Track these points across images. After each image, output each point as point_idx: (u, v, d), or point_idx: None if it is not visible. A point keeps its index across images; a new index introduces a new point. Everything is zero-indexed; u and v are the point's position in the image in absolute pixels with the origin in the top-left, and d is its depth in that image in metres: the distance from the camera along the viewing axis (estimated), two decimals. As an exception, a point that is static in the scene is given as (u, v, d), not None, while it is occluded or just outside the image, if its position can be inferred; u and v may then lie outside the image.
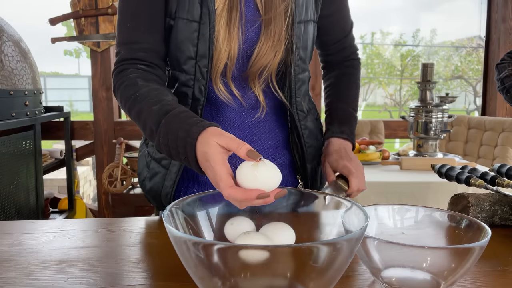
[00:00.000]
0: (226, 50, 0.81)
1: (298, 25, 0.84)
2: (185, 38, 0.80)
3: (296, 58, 0.85)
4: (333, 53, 1.02)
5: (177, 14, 0.80)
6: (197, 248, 0.45)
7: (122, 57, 0.82)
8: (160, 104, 0.72)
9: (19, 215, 2.24)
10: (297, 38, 0.84)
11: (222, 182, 0.57)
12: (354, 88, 1.00)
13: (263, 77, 0.84)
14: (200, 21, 0.79)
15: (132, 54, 0.81)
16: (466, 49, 11.79)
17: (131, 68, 0.80)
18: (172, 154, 0.68)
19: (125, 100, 0.78)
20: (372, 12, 16.35)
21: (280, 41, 0.82)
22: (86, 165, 4.79)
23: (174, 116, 0.68)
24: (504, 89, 1.59)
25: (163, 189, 0.90)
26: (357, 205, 0.56)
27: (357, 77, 1.01)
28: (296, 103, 0.89)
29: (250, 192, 0.54)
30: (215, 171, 0.58)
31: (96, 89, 2.88)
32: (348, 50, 1.02)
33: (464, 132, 2.82)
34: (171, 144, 0.67)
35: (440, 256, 0.53)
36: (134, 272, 0.63)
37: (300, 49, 0.86)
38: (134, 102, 0.75)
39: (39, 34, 4.42)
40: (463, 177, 0.84)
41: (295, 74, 0.86)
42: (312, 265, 0.46)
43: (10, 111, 2.15)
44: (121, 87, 0.79)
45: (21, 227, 0.83)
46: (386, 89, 12.85)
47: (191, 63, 0.82)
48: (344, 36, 1.00)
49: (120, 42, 0.83)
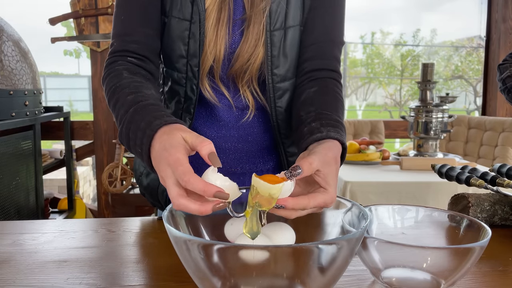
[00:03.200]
0: (212, 52, 0.81)
1: (273, 33, 0.81)
2: (177, 37, 0.81)
3: (273, 67, 0.82)
4: (310, 58, 0.84)
5: (170, 12, 0.81)
6: (197, 248, 0.45)
7: (114, 48, 0.82)
8: (135, 94, 0.70)
9: (19, 215, 2.24)
10: (272, 46, 0.81)
11: (183, 167, 0.52)
12: (341, 106, 0.79)
13: (245, 80, 0.84)
14: (191, 20, 0.80)
15: (124, 46, 0.81)
16: (466, 49, 11.79)
17: (121, 60, 0.80)
18: (130, 145, 0.65)
19: (107, 91, 0.77)
20: (372, 12, 16.35)
21: (258, 45, 0.81)
22: (86, 165, 4.79)
23: (143, 107, 0.66)
24: (506, 89, 1.59)
25: (160, 186, 0.90)
26: (357, 205, 0.56)
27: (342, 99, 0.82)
28: (276, 112, 0.84)
29: (210, 186, 0.50)
30: (176, 158, 0.53)
31: (96, 89, 2.88)
32: (326, 62, 0.84)
33: (464, 132, 2.82)
34: (131, 134, 0.64)
35: (440, 256, 0.53)
36: (134, 272, 0.63)
37: (279, 57, 0.82)
38: (113, 92, 0.74)
39: (39, 34, 4.42)
40: (463, 177, 0.84)
41: (273, 83, 0.83)
42: (312, 265, 0.46)
43: (10, 111, 2.15)
44: (107, 78, 0.79)
45: (21, 227, 0.83)
46: (386, 89, 12.86)
47: (183, 61, 0.82)
48: (324, 40, 0.84)
49: (114, 34, 0.83)
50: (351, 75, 13.14)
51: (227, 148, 0.89)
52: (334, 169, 0.59)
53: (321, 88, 0.81)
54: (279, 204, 0.52)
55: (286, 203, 0.52)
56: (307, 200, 0.54)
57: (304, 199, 0.54)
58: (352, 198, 1.81)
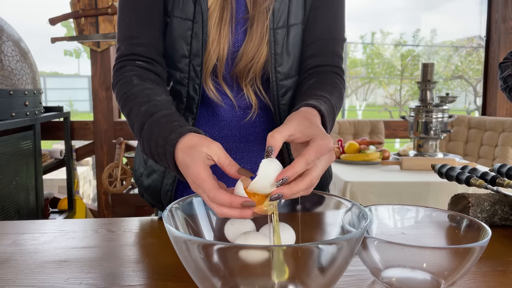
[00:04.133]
0: (215, 51, 0.81)
1: (277, 31, 0.82)
2: (179, 36, 0.81)
3: (277, 65, 0.83)
4: (313, 55, 0.86)
5: (172, 12, 0.81)
6: (197, 248, 0.45)
7: (122, 53, 0.82)
8: (148, 105, 0.72)
9: (19, 215, 2.24)
10: (275, 44, 0.82)
11: (207, 184, 0.55)
12: (337, 92, 0.80)
13: (249, 78, 0.84)
14: (193, 20, 0.80)
15: (131, 50, 0.81)
16: (466, 49, 11.79)
17: (129, 65, 0.80)
18: (156, 160, 0.68)
19: (119, 98, 0.78)
20: (372, 12, 16.35)
21: (262, 43, 0.81)
22: (86, 165, 4.79)
23: (156, 121, 0.68)
24: (507, 88, 1.59)
25: (162, 187, 0.90)
26: (357, 205, 0.56)
27: (342, 89, 0.84)
28: (280, 110, 0.85)
29: (235, 197, 0.52)
30: (197, 174, 0.56)
31: (96, 89, 2.88)
32: (329, 59, 0.86)
33: (464, 132, 2.82)
34: (154, 150, 0.67)
35: (440, 256, 0.53)
36: (134, 272, 0.63)
37: (282, 55, 0.83)
38: (126, 101, 0.75)
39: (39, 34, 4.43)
40: (464, 177, 0.84)
41: (277, 81, 0.84)
42: (312, 265, 0.46)
43: (10, 111, 2.15)
44: (117, 85, 0.79)
45: (21, 227, 0.83)
46: (386, 89, 12.87)
47: (185, 61, 0.82)
48: (327, 37, 0.86)
49: (119, 38, 0.83)
50: (351, 75, 13.14)
51: (228, 148, 0.89)
52: (308, 124, 0.58)
53: (319, 78, 0.83)
54: (275, 194, 0.52)
55: (282, 190, 0.53)
56: (300, 161, 0.53)
57: (298, 163, 0.53)
58: (352, 198, 1.81)
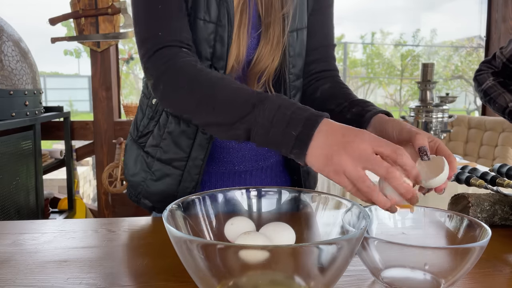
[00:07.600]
0: (234, 54, 0.81)
1: (291, 34, 0.85)
2: (202, 39, 0.79)
3: (290, 66, 0.87)
4: (316, 60, 0.93)
5: (194, 13, 0.78)
6: (197, 248, 0.45)
7: (161, 39, 0.74)
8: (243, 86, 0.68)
9: (19, 215, 2.24)
10: (290, 46, 0.86)
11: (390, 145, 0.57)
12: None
13: (262, 81, 0.85)
14: (217, 23, 0.79)
15: (174, 36, 0.74)
16: (466, 49, 11.79)
17: (178, 51, 0.74)
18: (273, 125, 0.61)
19: (186, 80, 0.71)
20: (372, 12, 16.35)
21: (278, 46, 0.84)
22: (86, 165, 4.79)
23: (277, 96, 0.64)
24: (491, 100, 1.57)
25: (180, 190, 0.88)
26: (357, 205, 0.56)
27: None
28: None
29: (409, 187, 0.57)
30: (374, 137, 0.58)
31: (96, 89, 2.88)
32: (331, 64, 0.95)
33: (464, 132, 2.82)
34: (279, 116, 0.60)
35: (440, 256, 0.53)
36: (134, 272, 0.63)
37: (295, 57, 0.88)
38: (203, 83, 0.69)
39: (39, 34, 4.42)
40: (463, 177, 0.84)
41: (289, 82, 0.88)
42: (312, 265, 0.46)
43: (10, 111, 2.15)
44: (167, 72, 0.73)
45: (21, 227, 0.83)
46: (386, 89, 12.86)
47: (206, 64, 0.81)
48: (327, 44, 0.94)
49: (150, 28, 0.76)
50: (351, 75, 13.14)
51: (231, 147, 0.90)
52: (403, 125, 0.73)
53: (333, 84, 0.91)
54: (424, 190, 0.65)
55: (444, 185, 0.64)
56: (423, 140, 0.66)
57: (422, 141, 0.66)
58: (352, 198, 1.81)
